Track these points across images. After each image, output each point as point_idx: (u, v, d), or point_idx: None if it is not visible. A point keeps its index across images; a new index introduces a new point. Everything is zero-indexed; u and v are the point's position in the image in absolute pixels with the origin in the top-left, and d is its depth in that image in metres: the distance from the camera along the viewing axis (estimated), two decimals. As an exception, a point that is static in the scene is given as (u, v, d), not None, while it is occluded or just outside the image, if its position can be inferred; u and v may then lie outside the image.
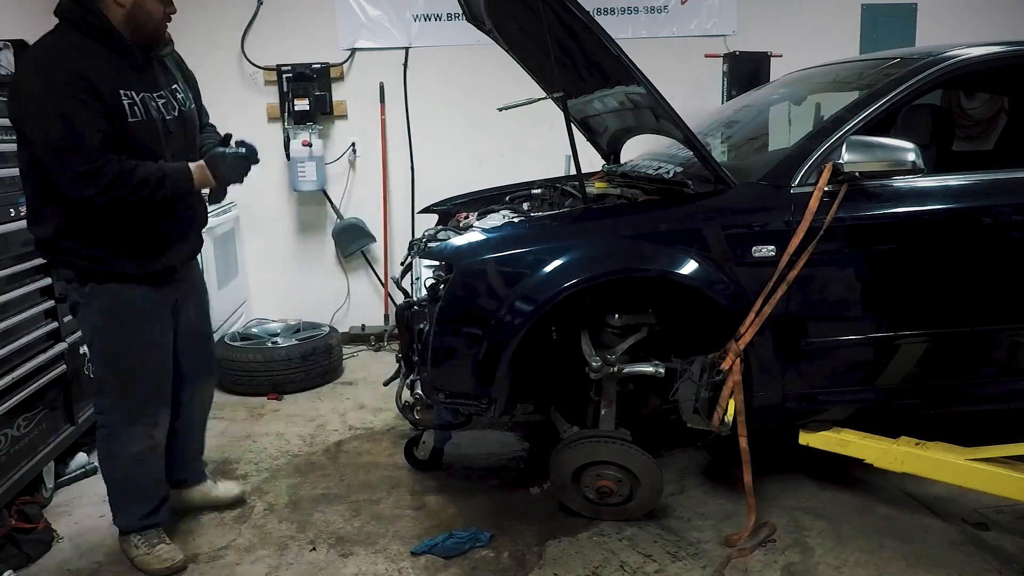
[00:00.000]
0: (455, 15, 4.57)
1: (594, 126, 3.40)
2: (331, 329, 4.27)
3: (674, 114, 2.40)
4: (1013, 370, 2.60)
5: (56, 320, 2.87)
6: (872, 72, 2.74)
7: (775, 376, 2.45)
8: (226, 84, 4.58)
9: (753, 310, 2.34)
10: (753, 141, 3.19)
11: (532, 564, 2.37)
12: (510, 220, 2.72)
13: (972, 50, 2.60)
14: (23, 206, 2.63)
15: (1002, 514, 2.55)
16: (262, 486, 2.94)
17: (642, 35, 4.68)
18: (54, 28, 2.07)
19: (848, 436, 2.51)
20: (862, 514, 2.60)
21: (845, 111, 2.52)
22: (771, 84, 3.75)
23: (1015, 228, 2.52)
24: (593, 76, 2.77)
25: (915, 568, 2.30)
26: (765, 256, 2.36)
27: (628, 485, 2.51)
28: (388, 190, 4.77)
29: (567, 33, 2.50)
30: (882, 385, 2.54)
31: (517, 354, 2.38)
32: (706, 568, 2.32)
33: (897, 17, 4.80)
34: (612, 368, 2.52)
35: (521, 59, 3.16)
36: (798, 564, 2.33)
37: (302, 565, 2.41)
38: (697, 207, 2.46)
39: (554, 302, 2.33)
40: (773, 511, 2.61)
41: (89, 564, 2.45)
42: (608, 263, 2.39)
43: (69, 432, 2.93)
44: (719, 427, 2.38)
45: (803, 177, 2.41)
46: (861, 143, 2.33)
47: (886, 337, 2.49)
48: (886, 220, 2.44)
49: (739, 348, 2.33)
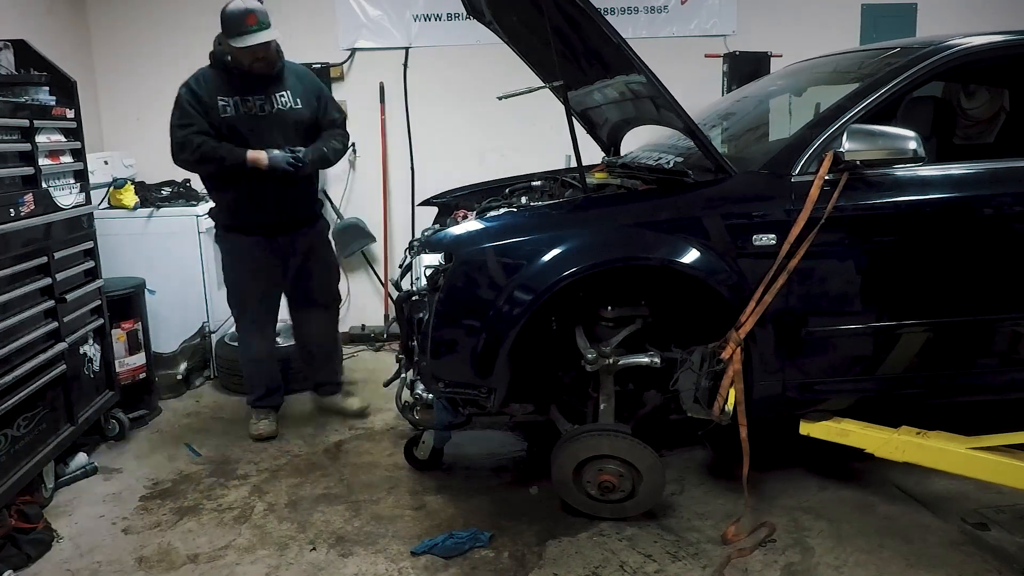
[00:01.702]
0: (455, 15, 4.58)
1: (594, 118, 3.40)
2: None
3: (674, 103, 2.40)
4: (1014, 360, 2.59)
5: (56, 320, 2.86)
6: (872, 62, 2.73)
7: (775, 365, 2.44)
8: (226, 84, 4.58)
9: (754, 299, 2.33)
10: (753, 131, 3.18)
11: (532, 564, 2.36)
12: (510, 210, 2.72)
13: (973, 39, 2.59)
14: (23, 206, 2.65)
15: (1002, 514, 2.54)
16: (262, 486, 2.94)
17: (642, 35, 4.68)
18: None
19: (849, 426, 2.50)
20: (862, 514, 2.59)
21: (846, 100, 2.51)
22: (770, 75, 3.75)
23: (1016, 218, 2.51)
24: (593, 66, 2.77)
25: (915, 568, 2.29)
26: (766, 245, 2.36)
27: (630, 480, 2.50)
28: (388, 190, 4.77)
29: (567, 22, 2.50)
30: (883, 375, 2.53)
31: (517, 347, 2.38)
32: (706, 568, 2.31)
33: (897, 17, 4.81)
34: (608, 360, 2.51)
35: (521, 52, 3.16)
36: (798, 564, 2.33)
37: (302, 565, 2.40)
38: (697, 196, 2.46)
39: (554, 290, 2.33)
40: (773, 511, 2.60)
41: (89, 564, 2.45)
42: (609, 251, 2.38)
43: (69, 432, 2.93)
44: (719, 416, 2.37)
45: (804, 166, 2.41)
46: (862, 131, 2.32)
47: (887, 326, 2.48)
48: (887, 209, 2.43)
49: (739, 337, 2.32)
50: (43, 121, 2.87)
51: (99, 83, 4.61)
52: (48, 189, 2.85)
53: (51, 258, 2.84)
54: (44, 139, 2.86)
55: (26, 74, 2.96)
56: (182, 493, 2.91)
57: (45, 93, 2.98)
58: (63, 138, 3.03)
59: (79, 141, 3.13)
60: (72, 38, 4.39)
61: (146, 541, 2.57)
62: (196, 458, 3.22)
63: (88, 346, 3.16)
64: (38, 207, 2.76)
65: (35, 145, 2.76)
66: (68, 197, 3.01)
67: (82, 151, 3.15)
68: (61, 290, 2.88)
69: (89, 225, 3.20)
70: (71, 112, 3.08)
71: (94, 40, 4.58)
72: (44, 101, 2.94)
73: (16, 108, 2.72)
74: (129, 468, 3.13)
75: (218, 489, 2.93)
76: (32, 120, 2.75)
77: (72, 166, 3.07)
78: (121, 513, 2.76)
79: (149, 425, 3.57)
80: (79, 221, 3.10)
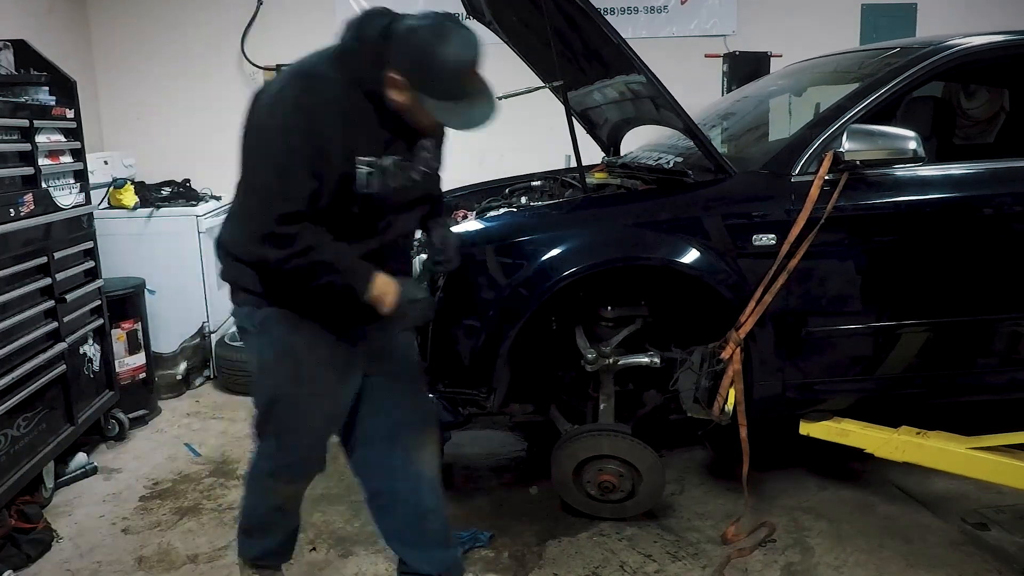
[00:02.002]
0: (455, 15, 4.57)
1: (594, 118, 3.40)
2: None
3: (674, 102, 2.40)
4: (1014, 360, 2.59)
5: (56, 320, 2.86)
6: (872, 62, 2.73)
7: (775, 365, 2.44)
8: (226, 84, 4.60)
9: (753, 299, 2.32)
10: (753, 131, 3.18)
11: (532, 564, 2.36)
12: (509, 210, 2.72)
13: (973, 39, 2.59)
14: (23, 206, 2.65)
15: (1002, 514, 2.54)
16: (262, 486, 2.94)
17: (642, 35, 4.68)
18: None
19: (849, 426, 2.50)
20: (862, 514, 2.59)
21: (846, 100, 2.51)
22: (770, 75, 3.75)
23: (1016, 218, 2.51)
24: (593, 66, 2.77)
25: (915, 568, 2.29)
26: (766, 245, 2.35)
27: (630, 480, 2.50)
28: (388, 190, 4.76)
29: (567, 22, 2.50)
30: (883, 375, 2.53)
31: (517, 347, 2.37)
32: (706, 568, 2.31)
33: (897, 17, 4.81)
34: (607, 360, 2.51)
35: (521, 52, 3.16)
36: (798, 564, 2.33)
37: (302, 565, 2.40)
38: (697, 196, 2.46)
39: (555, 290, 2.33)
40: (773, 511, 2.61)
41: (89, 564, 2.44)
42: (609, 251, 2.38)
43: (69, 432, 2.93)
44: (719, 416, 2.37)
45: (804, 166, 2.41)
46: (862, 131, 2.32)
47: (887, 326, 2.48)
48: (887, 209, 2.43)
49: (739, 337, 2.32)
50: (43, 121, 2.87)
51: (99, 83, 4.61)
52: (48, 189, 2.85)
53: (51, 258, 2.84)
54: (44, 139, 2.86)
55: (26, 74, 2.97)
56: (182, 493, 2.91)
57: (45, 93, 2.98)
58: (63, 138, 3.03)
59: (79, 141, 3.12)
60: (72, 38, 4.39)
61: (146, 541, 2.57)
62: (196, 458, 3.22)
63: (88, 346, 3.16)
64: (38, 207, 2.76)
65: (35, 145, 2.75)
66: (68, 197, 3.01)
67: (82, 151, 3.15)
68: (61, 290, 2.88)
69: (89, 225, 3.19)
70: (71, 112, 3.08)
71: (94, 40, 4.58)
72: (44, 101, 2.94)
73: (16, 108, 2.71)
74: (129, 468, 3.13)
75: (218, 489, 2.93)
76: (32, 120, 2.75)
77: (72, 166, 3.07)
78: (121, 513, 2.76)
79: (149, 425, 3.57)
80: (79, 221, 3.10)
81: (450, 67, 1.66)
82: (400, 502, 2.03)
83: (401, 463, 2.00)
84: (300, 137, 1.63)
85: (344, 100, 1.67)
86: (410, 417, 2.02)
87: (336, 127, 1.66)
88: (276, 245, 1.68)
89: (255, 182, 1.72)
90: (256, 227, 1.69)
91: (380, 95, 1.69)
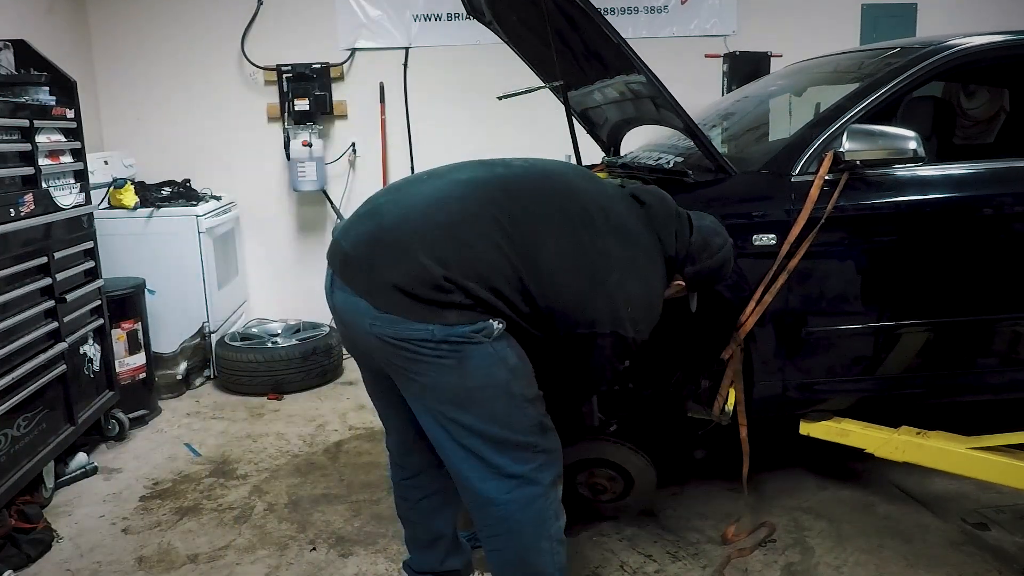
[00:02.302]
0: (455, 15, 4.58)
1: (594, 118, 3.39)
2: (331, 329, 4.25)
3: (674, 102, 2.39)
4: (1014, 360, 2.59)
5: (56, 320, 2.87)
6: (872, 62, 2.73)
7: (775, 365, 2.44)
8: (226, 84, 4.60)
9: (753, 299, 2.32)
10: (753, 131, 3.17)
11: (532, 563, 2.36)
12: None
13: (973, 39, 2.59)
14: (23, 206, 2.65)
15: (1002, 514, 2.54)
16: (262, 486, 2.94)
17: (642, 35, 4.68)
18: None
19: (849, 426, 2.50)
20: (862, 514, 2.60)
21: (846, 100, 2.51)
22: (770, 75, 3.75)
23: (1016, 218, 2.51)
24: (593, 66, 2.77)
25: (915, 568, 2.29)
26: (766, 245, 2.35)
27: (621, 483, 2.50)
28: (388, 190, 4.77)
29: (567, 22, 2.49)
30: (883, 375, 2.53)
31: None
32: (706, 568, 2.32)
33: (897, 17, 4.81)
34: None
35: (521, 52, 3.16)
36: (798, 564, 2.33)
37: (302, 565, 2.40)
38: (697, 196, 2.45)
39: None
40: (773, 511, 2.61)
41: (89, 564, 2.45)
42: None
43: (69, 432, 2.93)
44: (719, 416, 2.37)
45: (804, 166, 2.40)
46: (862, 131, 2.31)
47: (887, 326, 2.48)
48: (887, 209, 2.43)
49: (739, 337, 2.32)
50: (43, 121, 2.87)
51: (99, 83, 4.61)
52: (48, 189, 2.85)
53: (51, 258, 2.84)
54: (44, 139, 2.86)
55: (26, 74, 2.97)
56: (182, 493, 2.91)
57: (45, 93, 2.98)
58: (63, 138, 3.03)
59: (79, 141, 3.13)
60: (72, 38, 4.39)
61: (146, 541, 2.57)
62: (196, 458, 3.22)
63: (88, 346, 3.16)
64: (38, 207, 2.76)
65: (35, 145, 2.76)
66: (68, 197, 3.01)
67: (82, 151, 3.15)
68: (61, 290, 2.88)
69: (89, 225, 3.20)
70: (71, 112, 3.08)
71: (94, 40, 4.58)
72: (44, 101, 2.94)
73: (16, 108, 2.71)
74: (129, 468, 3.13)
75: (218, 489, 2.93)
76: (32, 120, 2.75)
77: (72, 166, 3.07)
78: (121, 513, 2.77)
79: (149, 425, 3.57)
80: (79, 221, 3.10)
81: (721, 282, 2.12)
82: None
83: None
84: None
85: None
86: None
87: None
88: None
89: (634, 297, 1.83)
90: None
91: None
